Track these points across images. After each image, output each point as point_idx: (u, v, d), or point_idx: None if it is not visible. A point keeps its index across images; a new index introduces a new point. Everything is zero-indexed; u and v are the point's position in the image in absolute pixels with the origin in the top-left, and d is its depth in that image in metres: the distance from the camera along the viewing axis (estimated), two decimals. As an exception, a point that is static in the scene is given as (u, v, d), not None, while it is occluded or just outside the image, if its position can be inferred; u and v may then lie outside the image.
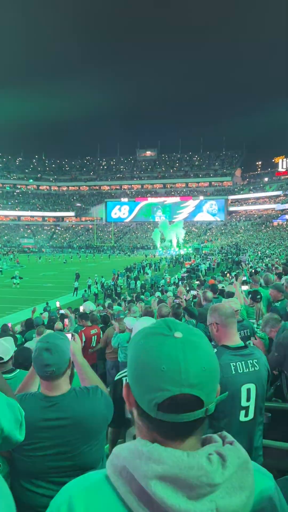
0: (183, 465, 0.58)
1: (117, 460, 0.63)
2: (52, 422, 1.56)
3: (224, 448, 0.63)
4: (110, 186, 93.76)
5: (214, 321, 2.22)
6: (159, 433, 0.65)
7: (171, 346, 0.65)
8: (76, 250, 65.56)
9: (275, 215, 68.30)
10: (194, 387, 0.62)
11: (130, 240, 75.39)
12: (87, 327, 6.30)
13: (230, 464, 0.60)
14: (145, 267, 34.38)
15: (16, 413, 1.32)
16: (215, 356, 0.68)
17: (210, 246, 55.15)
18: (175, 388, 0.62)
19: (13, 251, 61.76)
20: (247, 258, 32.77)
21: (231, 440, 0.66)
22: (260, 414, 2.12)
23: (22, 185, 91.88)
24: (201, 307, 6.16)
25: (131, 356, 0.69)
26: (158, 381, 0.62)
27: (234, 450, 0.63)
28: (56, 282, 29.80)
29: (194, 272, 26.85)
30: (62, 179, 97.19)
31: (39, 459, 1.53)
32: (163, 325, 0.68)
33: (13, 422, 1.28)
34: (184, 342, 0.65)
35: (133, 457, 0.61)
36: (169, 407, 0.62)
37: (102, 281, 24.57)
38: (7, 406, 1.29)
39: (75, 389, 1.70)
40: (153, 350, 0.65)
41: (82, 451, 1.58)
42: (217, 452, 0.62)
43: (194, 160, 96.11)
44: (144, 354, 0.66)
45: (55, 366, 1.60)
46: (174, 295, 10.68)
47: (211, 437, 0.68)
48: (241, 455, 0.63)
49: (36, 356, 1.63)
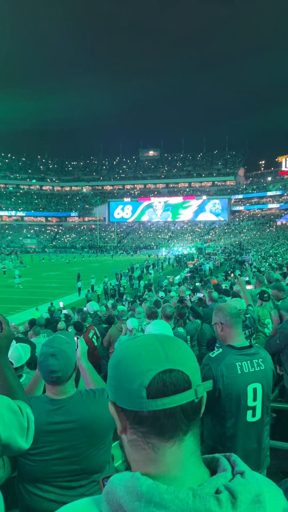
0: (189, 510, 0.51)
1: (113, 498, 0.56)
2: (57, 425, 1.53)
3: (234, 483, 0.56)
4: (113, 186, 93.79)
5: (218, 320, 2.21)
6: (156, 433, 0.59)
7: (146, 337, 0.67)
8: (79, 250, 65.67)
9: (279, 215, 68.13)
10: (176, 363, 0.61)
11: (133, 240, 75.43)
12: (83, 334, 6.32)
13: (241, 503, 0.53)
14: (148, 267, 34.37)
15: (20, 418, 1.25)
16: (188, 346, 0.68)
17: (213, 246, 55.09)
18: (157, 366, 0.60)
19: (16, 251, 61.99)
20: (251, 258, 32.72)
21: (242, 470, 0.58)
22: (266, 413, 2.11)
23: (25, 185, 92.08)
24: (207, 307, 6.14)
25: (110, 366, 0.68)
26: (139, 365, 0.61)
27: (245, 484, 0.56)
28: (59, 282, 29.85)
29: (197, 272, 26.85)
30: (65, 179, 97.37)
31: (44, 463, 1.50)
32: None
33: (15, 429, 1.22)
34: (157, 335, 0.68)
35: (132, 498, 0.53)
36: (158, 390, 0.59)
37: (105, 281, 24.60)
38: (8, 411, 1.22)
39: (81, 391, 1.67)
40: (129, 346, 0.66)
41: (88, 455, 1.55)
42: (226, 487, 0.55)
43: (197, 160, 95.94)
44: (121, 354, 0.66)
45: (61, 372, 1.56)
46: (177, 295, 10.68)
47: (219, 460, 0.62)
48: (253, 488, 0.56)
49: (42, 362, 1.59)
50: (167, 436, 0.59)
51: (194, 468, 0.60)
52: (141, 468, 0.60)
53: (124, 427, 0.64)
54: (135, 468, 0.62)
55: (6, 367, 1.37)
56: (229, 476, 0.58)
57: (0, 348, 1.37)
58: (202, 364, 2.12)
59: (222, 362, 2.03)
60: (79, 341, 1.98)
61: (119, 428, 0.65)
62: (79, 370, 1.93)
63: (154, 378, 0.60)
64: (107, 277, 25.90)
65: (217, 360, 2.05)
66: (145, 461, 0.60)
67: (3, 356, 1.38)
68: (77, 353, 1.91)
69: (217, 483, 0.56)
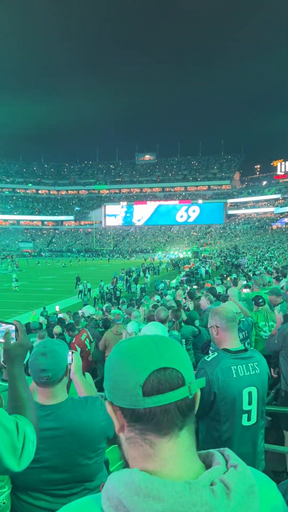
0: (185, 501, 0.53)
1: (112, 494, 0.58)
2: (48, 432, 1.49)
3: (228, 475, 0.58)
4: (109, 190, 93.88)
5: (214, 324, 2.21)
6: (152, 429, 0.62)
7: (140, 339, 0.69)
8: (75, 254, 65.50)
9: (274, 218, 68.47)
10: (170, 361, 0.64)
11: (129, 243, 75.43)
12: (75, 336, 6.33)
13: (236, 493, 0.56)
14: (145, 271, 34.37)
15: (13, 437, 1.11)
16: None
17: (209, 249, 55.19)
18: (152, 365, 0.63)
19: (12, 255, 61.78)
20: (247, 262, 32.83)
21: (235, 463, 0.61)
22: (261, 417, 2.11)
23: (21, 189, 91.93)
24: (204, 312, 6.14)
25: (106, 367, 0.70)
26: (134, 365, 0.64)
27: (239, 476, 0.59)
28: (55, 286, 29.74)
29: (193, 276, 26.85)
30: (61, 183, 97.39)
31: (35, 471, 1.44)
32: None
33: (4, 446, 1.09)
34: (151, 336, 0.70)
35: (130, 493, 0.55)
36: (153, 387, 0.61)
37: (101, 284, 24.57)
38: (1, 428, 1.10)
39: (73, 398, 1.65)
40: (124, 347, 0.69)
41: (79, 463, 1.52)
42: (221, 479, 0.57)
43: (192, 164, 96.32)
44: (117, 355, 0.69)
45: (51, 372, 1.54)
46: (173, 299, 10.67)
47: (214, 455, 0.64)
48: (247, 480, 0.59)
49: (32, 361, 1.58)
50: (163, 432, 0.61)
51: (190, 463, 0.62)
52: (139, 464, 0.62)
53: (121, 425, 0.65)
54: (133, 464, 0.63)
55: (18, 378, 1.27)
56: (224, 469, 0.60)
57: (14, 357, 1.27)
58: (198, 367, 2.12)
59: (217, 366, 2.03)
60: (74, 355, 1.96)
61: (117, 427, 0.66)
62: (73, 383, 1.92)
63: (149, 376, 0.62)
64: (103, 280, 25.86)
65: (212, 364, 2.05)
66: (142, 457, 0.62)
67: (17, 366, 1.28)
68: (72, 368, 1.90)
69: (212, 476, 0.58)
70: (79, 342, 6.16)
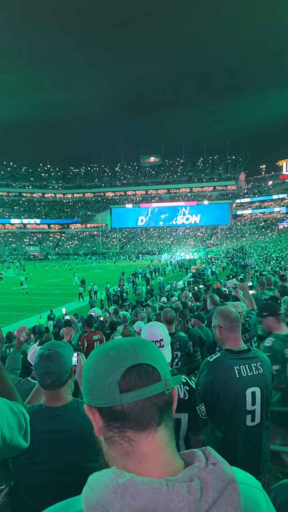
0: (162, 498, 0.53)
1: (91, 493, 0.58)
2: (53, 434, 1.50)
3: (207, 471, 0.58)
4: (115, 193, 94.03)
5: (218, 324, 2.22)
6: (130, 426, 0.63)
7: (117, 340, 0.71)
8: (82, 257, 65.72)
9: (280, 218, 68.02)
10: (145, 358, 0.66)
11: (135, 246, 75.45)
12: (90, 332, 6.34)
13: (214, 489, 0.56)
14: (152, 273, 34.38)
15: (20, 418, 1.27)
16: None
17: (216, 250, 54.99)
18: (127, 362, 0.64)
19: (19, 259, 62.16)
20: (253, 262, 32.64)
21: (215, 460, 0.61)
22: (266, 418, 2.10)
23: (27, 193, 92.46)
24: (208, 312, 6.13)
25: (84, 370, 0.71)
26: (110, 364, 0.65)
27: (217, 473, 0.58)
28: (62, 289, 29.86)
29: (200, 277, 26.79)
30: (67, 186, 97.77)
31: (39, 474, 1.45)
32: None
33: (16, 428, 1.24)
34: (129, 339, 0.71)
35: (108, 491, 0.55)
36: (129, 383, 0.63)
37: (107, 287, 24.63)
38: (10, 412, 1.24)
39: (77, 400, 1.65)
40: (100, 349, 0.70)
41: (84, 467, 1.50)
42: (198, 476, 0.57)
43: (198, 165, 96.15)
44: (93, 357, 0.70)
45: (56, 375, 1.56)
46: (180, 300, 10.66)
47: (195, 453, 0.65)
48: (225, 477, 0.58)
49: (37, 364, 1.59)
50: (141, 427, 0.62)
51: (169, 459, 0.63)
52: (118, 463, 0.63)
53: (100, 426, 0.66)
54: (112, 464, 0.64)
55: (2, 368, 1.40)
56: (203, 466, 0.60)
57: None
58: (201, 368, 2.12)
59: (220, 366, 2.03)
60: (79, 357, 1.97)
61: (96, 430, 0.67)
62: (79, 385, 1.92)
63: (125, 372, 0.63)
64: (109, 283, 25.89)
65: (215, 364, 2.05)
66: (122, 456, 0.63)
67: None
68: (77, 370, 1.91)
69: (191, 473, 0.58)
70: (90, 340, 6.17)
